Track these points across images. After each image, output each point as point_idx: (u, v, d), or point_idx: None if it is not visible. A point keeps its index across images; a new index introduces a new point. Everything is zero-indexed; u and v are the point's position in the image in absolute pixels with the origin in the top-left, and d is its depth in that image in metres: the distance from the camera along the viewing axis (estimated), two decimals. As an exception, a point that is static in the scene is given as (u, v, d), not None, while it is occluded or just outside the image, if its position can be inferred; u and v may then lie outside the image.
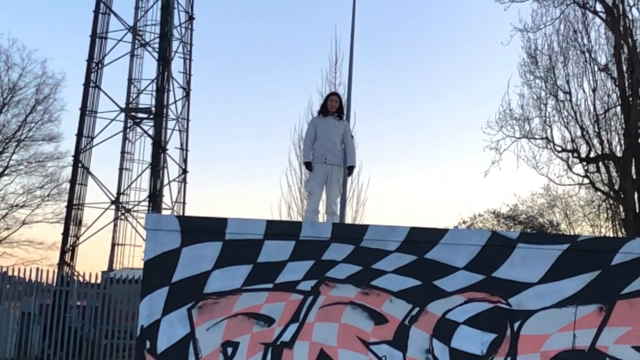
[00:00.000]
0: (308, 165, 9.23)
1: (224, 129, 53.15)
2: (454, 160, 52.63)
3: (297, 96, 55.67)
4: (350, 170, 9.41)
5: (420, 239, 6.96)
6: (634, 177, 17.65)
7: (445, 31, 54.14)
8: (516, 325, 6.84)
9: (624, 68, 18.06)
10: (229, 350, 6.75)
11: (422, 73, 53.48)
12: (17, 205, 31.22)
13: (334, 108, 9.14)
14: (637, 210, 17.39)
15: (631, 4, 18.39)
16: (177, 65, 30.15)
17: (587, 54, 19.04)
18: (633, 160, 17.75)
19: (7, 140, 30.04)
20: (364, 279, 6.87)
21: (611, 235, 24.41)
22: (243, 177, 54.11)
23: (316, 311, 6.83)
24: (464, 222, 33.47)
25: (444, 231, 7.10)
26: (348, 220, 18.67)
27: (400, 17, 52.97)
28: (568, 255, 6.92)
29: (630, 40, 17.95)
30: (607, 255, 6.95)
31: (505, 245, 6.96)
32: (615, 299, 6.88)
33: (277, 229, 7.02)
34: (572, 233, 29.30)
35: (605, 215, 25.44)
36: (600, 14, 18.84)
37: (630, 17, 18.38)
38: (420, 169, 52.09)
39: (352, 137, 9.62)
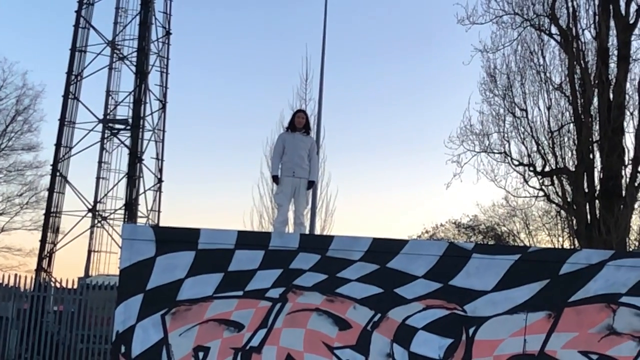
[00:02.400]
0: (275, 179, 9.52)
1: (198, 140, 53.19)
2: (418, 173, 53.49)
3: (269, 110, 56.08)
4: (310, 185, 9.69)
5: (383, 249, 7.14)
6: (586, 190, 18.25)
7: (410, 49, 55.19)
8: (471, 330, 7.07)
9: (577, 87, 18.66)
10: (201, 354, 6.92)
11: (389, 88, 54.30)
12: (-5, 213, 31.06)
13: (301, 124, 9.48)
14: (589, 222, 17.98)
15: (583, 28, 19.12)
16: (154, 78, 30.35)
17: (542, 74, 19.66)
18: (584, 174, 18.36)
19: (-13, 150, 29.91)
20: (329, 286, 7.06)
21: (567, 244, 25.20)
22: (217, 187, 54.09)
23: (284, 317, 7.01)
24: (427, 232, 34.08)
25: (404, 242, 7.31)
26: (317, 229, 19.01)
27: (368, 37, 53.85)
28: (519, 265, 7.15)
29: (582, 61, 18.59)
30: (555, 265, 7.18)
31: (461, 255, 7.17)
32: (563, 306, 7.12)
33: (247, 239, 7.19)
34: (531, 242, 30.03)
35: (561, 226, 26.27)
36: (555, 37, 19.49)
37: (582, 39, 19.04)
38: (386, 180, 52.75)
39: (317, 153, 9.99)
